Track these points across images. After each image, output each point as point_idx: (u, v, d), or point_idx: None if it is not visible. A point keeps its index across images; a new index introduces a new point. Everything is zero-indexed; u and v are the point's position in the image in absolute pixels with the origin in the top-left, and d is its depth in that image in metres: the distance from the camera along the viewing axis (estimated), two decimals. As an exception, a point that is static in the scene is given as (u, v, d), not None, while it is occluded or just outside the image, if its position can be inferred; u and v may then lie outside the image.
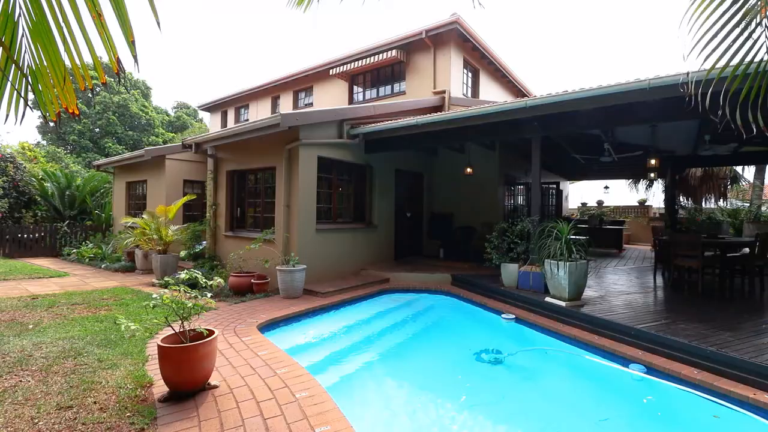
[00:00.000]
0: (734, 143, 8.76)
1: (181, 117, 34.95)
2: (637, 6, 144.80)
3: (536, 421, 3.32)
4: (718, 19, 2.04)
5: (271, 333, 4.95)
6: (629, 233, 15.79)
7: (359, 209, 8.84)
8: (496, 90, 13.96)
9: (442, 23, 10.65)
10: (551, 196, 14.94)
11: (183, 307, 3.24)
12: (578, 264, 5.38)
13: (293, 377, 3.45)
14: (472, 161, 10.16)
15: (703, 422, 3.23)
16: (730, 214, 12.91)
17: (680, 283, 6.84)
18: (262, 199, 7.94)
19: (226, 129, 8.18)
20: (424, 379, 4.10)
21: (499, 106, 6.36)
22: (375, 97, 12.66)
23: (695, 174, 14.09)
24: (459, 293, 6.92)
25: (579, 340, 4.67)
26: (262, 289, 6.62)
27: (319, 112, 7.53)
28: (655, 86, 4.74)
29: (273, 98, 16.25)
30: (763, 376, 3.30)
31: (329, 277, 7.52)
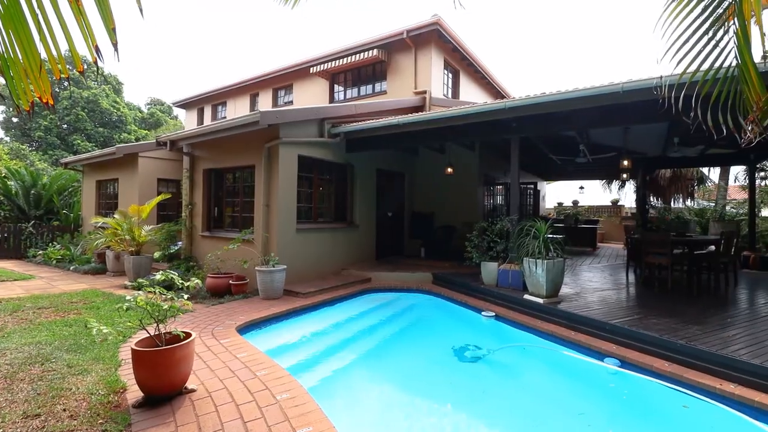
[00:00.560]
0: (701, 145, 9.17)
1: (155, 114, 33.90)
2: (613, 10, 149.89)
3: (516, 417, 3.37)
4: (689, 24, 2.12)
5: (250, 335, 4.85)
6: (603, 232, 16.30)
7: (340, 209, 8.79)
8: (475, 91, 14.15)
9: (423, 24, 10.71)
10: (529, 195, 15.26)
11: (158, 309, 3.14)
12: (555, 262, 5.51)
13: (274, 379, 3.39)
14: (453, 161, 10.26)
15: (674, 412, 3.36)
16: (697, 214, 13.52)
17: (651, 280, 7.11)
18: (241, 199, 7.78)
19: (203, 126, 7.99)
20: (406, 378, 4.11)
21: (479, 107, 6.45)
22: (356, 96, 12.61)
23: (665, 175, 14.69)
24: (440, 292, 6.97)
25: (557, 336, 4.79)
26: (241, 291, 6.48)
27: (299, 111, 7.44)
28: (629, 90, 4.90)
29: (252, 96, 15.95)
30: (729, 367, 3.46)
31: (310, 278, 7.44)
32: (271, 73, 14.58)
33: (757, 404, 3.08)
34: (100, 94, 27.82)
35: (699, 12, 2.07)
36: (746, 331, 4.25)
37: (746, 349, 3.66)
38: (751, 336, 4.07)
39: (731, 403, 3.19)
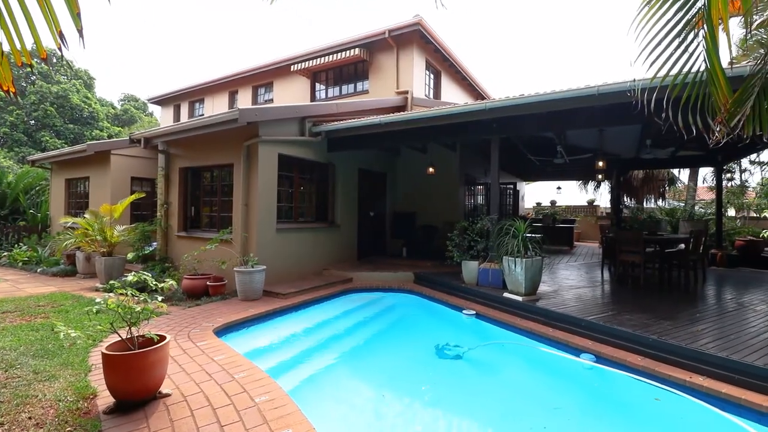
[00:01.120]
0: (672, 147, 9.53)
1: (129, 110, 32.85)
2: (592, 13, 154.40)
3: (495, 412, 3.41)
4: (661, 28, 2.19)
5: (228, 337, 4.74)
6: (579, 231, 16.73)
7: (321, 208, 8.71)
8: (456, 92, 14.28)
9: (405, 24, 10.73)
10: (509, 195, 15.51)
11: (130, 311, 3.03)
12: (534, 260, 5.61)
13: (252, 381, 3.33)
14: (434, 161, 10.33)
15: (646, 405, 3.47)
16: (667, 213, 14.02)
17: (625, 277, 7.34)
18: (219, 198, 7.61)
19: (179, 123, 7.77)
20: (388, 377, 4.10)
21: (461, 108, 6.51)
22: (338, 95, 12.54)
23: (638, 176, 15.19)
24: (421, 291, 7.00)
25: (535, 333, 4.87)
26: (219, 292, 6.34)
27: (279, 108, 7.33)
28: (604, 92, 5.04)
29: (230, 93, 15.64)
30: (698, 360, 3.60)
31: (290, 278, 7.34)
32: (251, 71, 14.33)
33: (724, 395, 3.21)
34: (71, 89, 26.72)
35: (670, 16, 2.14)
36: (714, 325, 4.43)
37: (714, 343, 3.81)
38: (718, 330, 4.24)
39: (700, 395, 3.32)
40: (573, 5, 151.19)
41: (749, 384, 3.24)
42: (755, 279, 7.57)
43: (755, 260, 9.27)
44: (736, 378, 3.32)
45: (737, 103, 2.03)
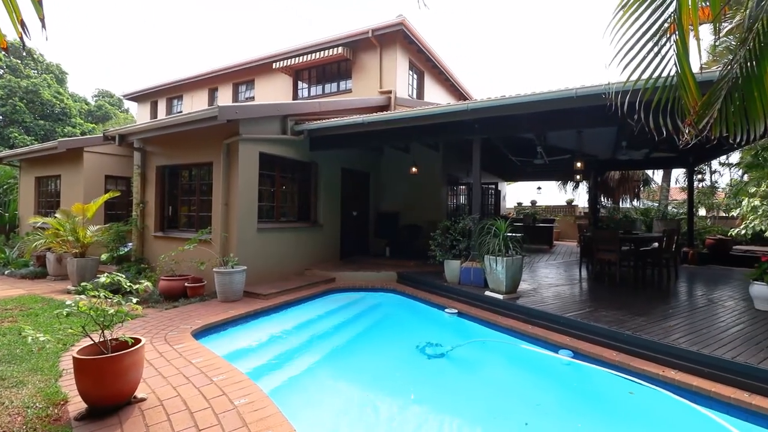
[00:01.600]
0: (646, 149, 9.84)
1: (103, 106, 31.79)
2: (571, 16, 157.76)
3: (477, 410, 3.45)
4: (635, 33, 2.25)
5: (207, 339, 4.65)
6: (559, 231, 17.09)
7: (304, 208, 8.62)
8: (439, 92, 14.38)
9: (389, 24, 10.73)
10: (491, 195, 15.72)
11: (103, 314, 2.93)
12: (514, 259, 5.70)
13: (232, 384, 3.27)
14: (417, 161, 10.37)
15: (621, 399, 3.57)
16: (642, 213, 14.47)
17: (602, 275, 7.53)
18: (198, 197, 7.44)
19: (156, 120, 7.56)
20: (370, 377, 4.09)
21: (443, 108, 6.55)
22: (320, 93, 12.45)
23: (614, 177, 15.63)
24: (404, 290, 7.01)
25: (515, 330, 4.95)
26: (198, 293, 6.20)
27: (261, 106, 7.22)
28: (582, 95, 5.15)
29: (210, 90, 15.32)
30: (670, 355, 3.72)
31: (272, 279, 7.24)
32: (232, 67, 14.08)
33: (695, 388, 3.33)
34: (41, 83, 25.66)
35: (643, 21, 2.20)
36: (685, 321, 4.59)
37: (685, 338, 3.95)
38: (689, 325, 4.40)
39: (672, 388, 3.43)
40: (555, 7, 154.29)
41: (718, 377, 3.37)
42: (724, 276, 7.89)
43: (724, 258, 9.67)
44: (706, 371, 3.45)
45: (705, 106, 2.11)
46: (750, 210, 3.80)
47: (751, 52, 2.09)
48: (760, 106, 2.01)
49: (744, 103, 2.09)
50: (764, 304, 5.03)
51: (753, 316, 4.78)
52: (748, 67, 2.11)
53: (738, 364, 3.33)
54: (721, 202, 15.25)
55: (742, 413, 3.03)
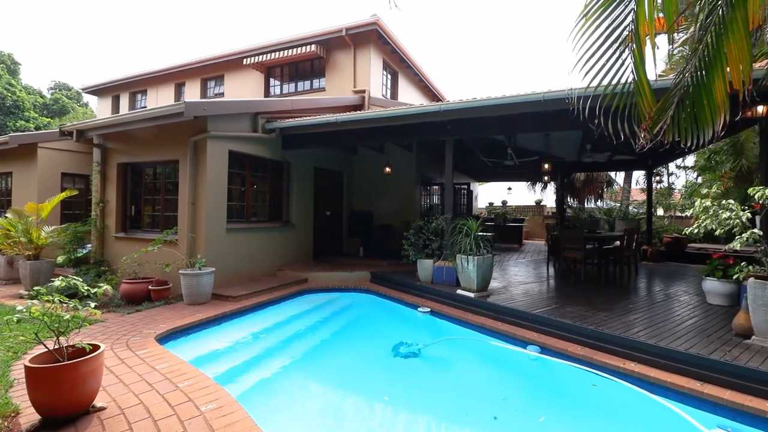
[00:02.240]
0: (609, 152, 10.30)
1: (60, 100, 30.07)
2: (543, 19, 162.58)
3: (447, 406, 3.50)
4: (595, 41, 2.35)
5: (172, 344, 4.48)
6: (528, 230, 17.60)
7: (276, 207, 8.47)
8: (413, 93, 14.49)
9: (363, 23, 10.71)
10: (463, 195, 16.00)
11: (58, 320, 2.76)
12: (485, 258, 5.82)
13: (198, 389, 3.16)
14: (391, 161, 10.41)
15: (584, 391, 3.72)
16: (605, 213, 15.14)
17: (568, 272, 7.82)
18: (163, 196, 7.16)
19: (119, 115, 7.22)
20: (343, 378, 4.07)
21: (416, 109, 6.61)
22: (293, 91, 12.27)
23: (579, 178, 16.26)
24: (378, 290, 7.02)
25: (486, 328, 5.05)
26: (162, 296, 5.97)
27: (230, 103, 7.04)
28: (548, 99, 5.33)
29: (177, 85, 14.79)
30: (630, 348, 3.90)
31: (242, 280, 7.07)
32: (200, 62, 13.64)
33: (652, 379, 3.50)
34: (-10, 74, 23.95)
35: (603, 29, 2.30)
36: (644, 315, 4.83)
37: (644, 332, 4.16)
38: (648, 320, 4.63)
39: (632, 379, 3.60)
40: (527, 12, 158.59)
41: (674, 368, 3.57)
42: (680, 272, 8.37)
43: (680, 255, 10.27)
44: (663, 363, 3.64)
45: (659, 112, 2.24)
46: (702, 210, 4.04)
47: (701, 61, 2.22)
48: (708, 113, 2.15)
49: (694, 109, 2.22)
50: (715, 298, 5.37)
51: (705, 310, 5.09)
52: (699, 76, 2.25)
53: (691, 355, 3.54)
54: (677, 203, 16.20)
55: (694, 401, 3.22)
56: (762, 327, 3.71)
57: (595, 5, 2.23)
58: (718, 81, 2.14)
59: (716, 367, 3.37)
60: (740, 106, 2.45)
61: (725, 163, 9.86)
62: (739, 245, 3.73)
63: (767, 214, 3.96)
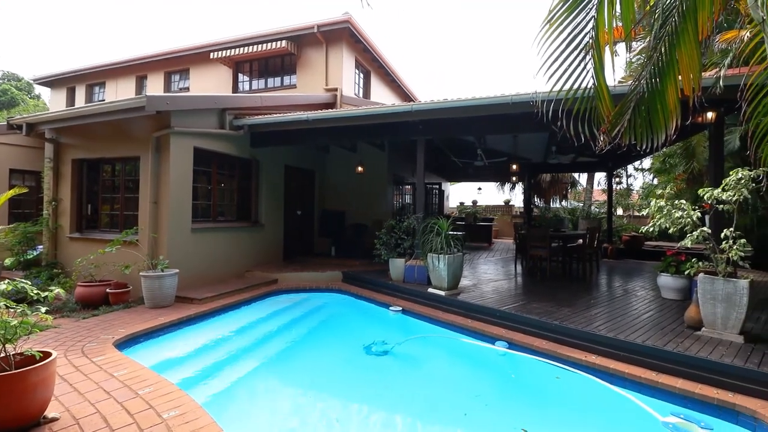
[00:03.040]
0: (572, 154, 10.72)
1: (9, 91, 28.06)
2: (515, 22, 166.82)
3: (418, 404, 3.53)
4: (558, 46, 2.43)
5: (132, 349, 4.27)
6: (497, 229, 18.06)
7: (244, 207, 8.25)
8: (385, 93, 14.52)
9: (335, 20, 10.62)
10: (435, 195, 16.20)
11: (5, 326, 2.58)
12: (455, 256, 5.91)
13: (160, 396, 3.03)
14: (364, 160, 10.39)
15: (549, 384, 3.85)
16: (569, 212, 15.78)
17: (534, 270, 8.07)
18: (122, 194, 6.81)
19: (74, 108, 6.81)
20: (314, 380, 4.02)
21: (389, 108, 6.62)
22: (263, 87, 12.00)
23: (546, 179, 16.86)
24: (349, 290, 6.98)
25: (456, 325, 5.14)
26: (121, 300, 5.68)
27: (195, 98, 6.81)
28: (516, 101, 5.48)
29: (139, 77, 14.12)
30: (591, 341, 4.08)
31: (208, 282, 6.84)
32: (164, 54, 13.08)
33: (612, 371, 3.67)
34: (-74, 60, 21.98)
35: (566, 35, 2.38)
36: (605, 310, 5.06)
37: (604, 325, 4.35)
38: (608, 314, 4.85)
39: (594, 371, 3.75)
40: (499, 15, 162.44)
41: (632, 359, 3.75)
42: (637, 269, 8.83)
43: (638, 253, 10.85)
44: (621, 355, 3.83)
45: (617, 116, 2.34)
46: (656, 210, 4.27)
47: (656, 69, 2.34)
48: (662, 117, 2.27)
49: (649, 115, 2.35)
50: (669, 293, 5.71)
51: (660, 304, 5.40)
52: (653, 83, 2.37)
53: (647, 347, 3.74)
54: (635, 203, 17.10)
55: (650, 391, 3.40)
56: (710, 319, 3.97)
57: (558, 11, 2.31)
58: (671, 87, 2.27)
59: (670, 357, 3.57)
60: (690, 112, 2.61)
61: (679, 165, 10.50)
62: (690, 243, 3.97)
63: (716, 214, 4.24)
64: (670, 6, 2.34)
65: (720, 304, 3.86)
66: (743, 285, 3.71)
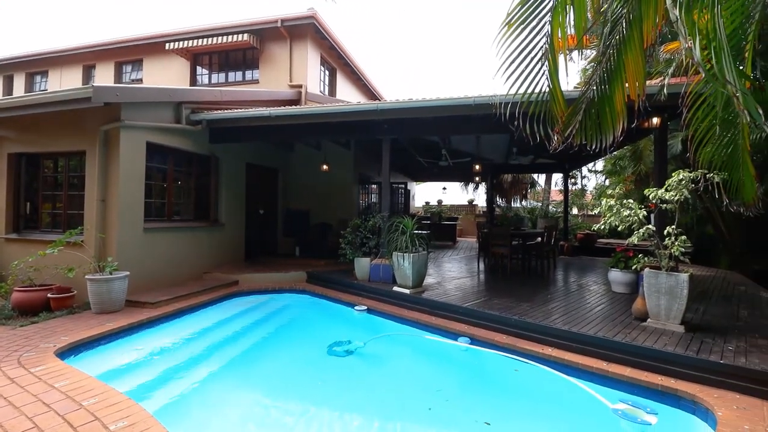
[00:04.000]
0: (532, 155, 11.14)
1: (-65, 77, 25.31)
2: (481, 22, 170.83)
3: (382, 402, 3.53)
4: (515, 49, 2.50)
5: (76, 359, 3.98)
6: (461, 228, 18.45)
7: (203, 205, 7.90)
8: (351, 91, 14.43)
9: (299, 15, 10.42)
10: (401, 195, 16.32)
11: None
12: (420, 255, 5.97)
13: (107, 407, 2.84)
14: (329, 159, 10.27)
15: (508, 376, 3.98)
16: (529, 212, 16.39)
17: (496, 267, 8.31)
18: (66, 192, 6.33)
19: (11, 98, 6.29)
20: (276, 383, 3.91)
21: (355, 107, 6.58)
22: (223, 82, 11.56)
23: (507, 179, 17.42)
24: (314, 290, 6.88)
25: (420, 322, 5.18)
26: (65, 305, 5.27)
27: (149, 90, 6.44)
28: (479, 103, 5.61)
29: (86, 67, 13.19)
30: (548, 334, 4.24)
31: (163, 284, 6.49)
32: (115, 43, 12.30)
33: (567, 362, 3.83)
34: None
35: (522, 39, 2.45)
36: (561, 304, 5.29)
37: (560, 319, 4.54)
38: (564, 308, 5.07)
39: (550, 363, 3.90)
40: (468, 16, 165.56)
41: (584, 350, 3.94)
42: (591, 265, 9.31)
43: (591, 250, 11.45)
44: (575, 346, 4.01)
45: (570, 117, 2.44)
46: (607, 209, 4.51)
47: (605, 74, 2.46)
48: (610, 120, 2.39)
49: (599, 118, 2.47)
50: (619, 287, 6.05)
51: (611, 298, 5.71)
52: (602, 88, 2.50)
53: (598, 338, 3.94)
54: (588, 203, 18.04)
55: (602, 380, 3.58)
56: (655, 311, 4.25)
57: (516, 14, 2.37)
58: (618, 92, 2.39)
59: (619, 348, 3.78)
60: (636, 116, 2.78)
61: (628, 167, 11.18)
62: (636, 239, 4.23)
63: (660, 212, 4.53)
64: (618, 14, 2.47)
65: (663, 296, 4.14)
66: (684, 278, 3.98)
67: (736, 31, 2.30)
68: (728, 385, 3.21)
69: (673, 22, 1.49)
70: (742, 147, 2.54)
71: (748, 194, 3.12)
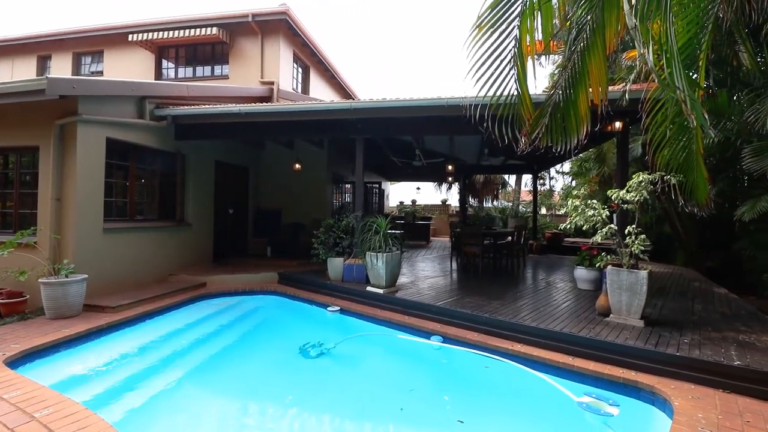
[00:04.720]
0: (503, 156, 11.40)
1: None
2: (453, 22, 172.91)
3: (356, 403, 3.51)
4: (485, 51, 2.53)
5: (28, 367, 3.73)
6: (435, 227, 18.65)
7: (168, 205, 7.59)
8: (326, 90, 14.28)
9: (271, 11, 10.20)
10: (375, 194, 16.30)
11: None
12: (393, 254, 5.98)
13: (62, 418, 2.68)
14: (301, 158, 10.12)
15: (479, 373, 4.04)
16: (500, 212, 16.78)
17: (468, 266, 8.45)
18: (17, 190, 5.92)
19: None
20: (246, 387, 3.81)
21: (328, 105, 6.51)
22: (191, 77, 11.16)
23: (479, 180, 17.76)
24: (286, 291, 6.75)
25: (393, 322, 5.19)
26: (16, 310, 4.93)
27: (109, 83, 6.14)
28: (451, 104, 5.67)
29: (41, 57, 12.41)
30: (517, 331, 4.34)
31: (125, 288, 6.19)
32: (73, 32, 11.62)
33: (535, 357, 3.94)
34: None
35: (492, 42, 2.50)
36: (530, 301, 5.43)
37: (529, 316, 4.66)
38: (533, 305, 5.21)
39: (519, 359, 3.99)
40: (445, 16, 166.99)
41: (551, 346, 4.06)
42: (558, 263, 9.63)
43: (559, 248, 11.85)
44: (542, 342, 4.12)
45: (537, 120, 2.51)
46: (573, 209, 4.68)
47: (570, 78, 2.54)
48: (574, 123, 2.47)
49: (564, 121, 2.54)
50: (584, 284, 6.29)
51: (576, 295, 5.92)
52: (567, 92, 2.57)
53: (564, 333, 4.07)
54: (556, 203, 18.68)
55: (567, 374, 3.70)
56: (617, 306, 4.43)
57: (486, 18, 2.41)
58: (582, 97, 2.48)
59: (583, 342, 3.92)
60: (599, 120, 2.89)
61: (593, 169, 11.65)
62: (600, 238, 4.40)
63: (621, 212, 4.74)
64: (583, 21, 2.55)
65: (625, 292, 4.33)
66: (643, 275, 4.18)
67: (691, 40, 2.43)
68: (684, 377, 3.39)
69: (630, 29, 1.56)
70: (696, 150, 2.70)
71: (701, 195, 3.31)
